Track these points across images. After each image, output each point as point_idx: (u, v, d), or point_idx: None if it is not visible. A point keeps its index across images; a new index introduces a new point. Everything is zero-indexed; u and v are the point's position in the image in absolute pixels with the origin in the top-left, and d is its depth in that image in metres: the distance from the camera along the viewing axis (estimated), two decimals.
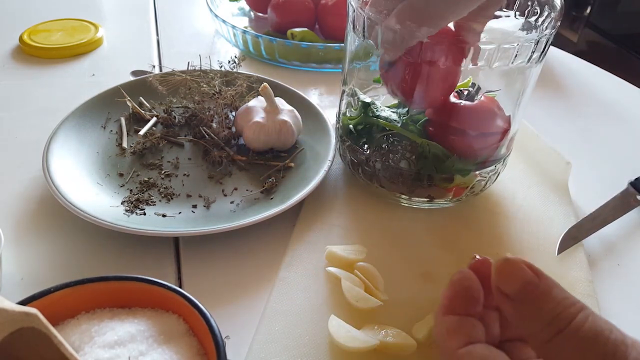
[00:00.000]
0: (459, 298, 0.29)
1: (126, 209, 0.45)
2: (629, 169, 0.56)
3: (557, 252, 0.46)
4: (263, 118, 0.52)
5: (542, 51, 0.42)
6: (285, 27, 0.74)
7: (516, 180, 0.54)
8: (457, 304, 0.29)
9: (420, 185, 0.47)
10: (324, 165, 0.50)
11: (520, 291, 0.26)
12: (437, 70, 0.41)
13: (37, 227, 0.45)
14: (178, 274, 0.43)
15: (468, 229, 0.48)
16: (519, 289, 0.26)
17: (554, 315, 0.25)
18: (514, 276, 0.26)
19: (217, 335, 0.29)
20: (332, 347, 0.36)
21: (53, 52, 0.71)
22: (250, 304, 0.40)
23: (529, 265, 0.27)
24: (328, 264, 0.42)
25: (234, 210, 0.47)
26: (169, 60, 0.72)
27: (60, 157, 0.48)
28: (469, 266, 0.30)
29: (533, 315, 0.26)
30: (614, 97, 0.72)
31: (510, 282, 0.26)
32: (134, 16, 0.85)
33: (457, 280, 0.29)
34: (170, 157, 0.53)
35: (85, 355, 0.28)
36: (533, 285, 0.26)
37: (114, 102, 0.57)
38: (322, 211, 0.48)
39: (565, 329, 0.24)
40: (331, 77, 0.70)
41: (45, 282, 0.32)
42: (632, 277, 0.45)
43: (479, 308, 0.29)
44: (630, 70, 1.05)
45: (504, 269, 0.27)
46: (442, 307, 0.29)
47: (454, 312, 0.28)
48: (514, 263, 0.27)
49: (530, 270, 0.26)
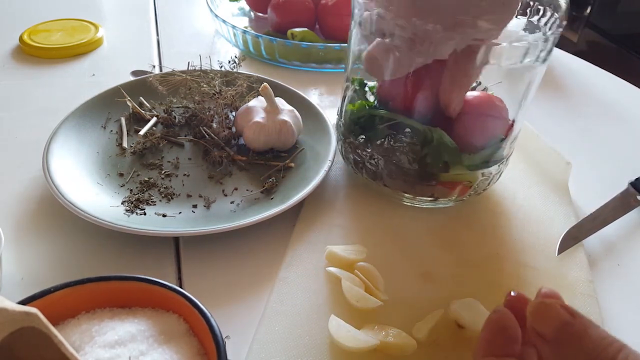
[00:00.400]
0: (497, 339, 0.28)
1: (126, 209, 0.45)
2: (629, 169, 0.56)
3: (557, 252, 0.46)
4: (263, 118, 0.52)
5: (549, 50, 0.42)
6: (286, 27, 0.74)
7: (516, 180, 0.54)
8: (496, 345, 0.28)
9: (424, 183, 0.47)
10: (324, 165, 0.50)
11: (556, 332, 0.26)
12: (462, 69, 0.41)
13: (37, 227, 0.45)
14: (178, 274, 0.43)
15: (469, 228, 0.48)
16: (555, 330, 0.26)
17: (594, 357, 0.25)
18: (550, 317, 0.26)
19: (218, 335, 0.29)
20: (332, 347, 0.36)
21: (53, 52, 0.71)
22: (250, 304, 0.40)
23: (564, 306, 0.27)
24: (328, 264, 0.42)
25: (234, 210, 0.47)
26: (169, 60, 0.72)
27: (60, 157, 0.48)
28: (505, 303, 0.30)
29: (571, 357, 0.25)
30: (614, 97, 0.72)
31: (546, 324, 0.26)
32: (134, 16, 0.85)
33: (494, 320, 0.29)
34: (170, 157, 0.53)
35: (86, 355, 0.28)
36: (569, 326, 0.26)
37: (114, 102, 0.57)
38: (322, 211, 0.48)
39: None
40: (331, 77, 0.70)
41: (45, 282, 0.32)
42: (632, 277, 0.45)
43: (517, 347, 0.28)
44: (630, 70, 1.05)
45: (539, 310, 0.27)
46: (480, 349, 0.29)
47: (492, 353, 0.28)
48: (549, 304, 0.27)
49: (565, 310, 0.26)
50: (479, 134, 0.45)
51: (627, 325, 0.41)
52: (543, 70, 0.44)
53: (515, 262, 0.45)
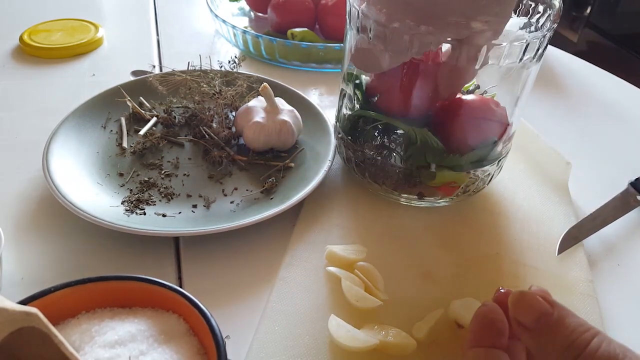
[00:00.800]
0: (484, 331, 0.29)
1: (126, 209, 0.45)
2: (629, 169, 0.56)
3: (557, 252, 0.46)
4: (263, 118, 0.52)
5: (541, 49, 0.42)
6: (286, 27, 0.74)
7: (516, 180, 0.54)
8: (483, 337, 0.29)
9: (408, 182, 0.47)
10: (324, 165, 0.50)
11: (536, 321, 0.27)
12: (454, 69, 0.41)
13: (37, 227, 0.45)
14: (178, 274, 0.43)
15: (468, 228, 0.48)
16: (535, 320, 0.27)
17: (570, 342, 0.26)
18: (530, 308, 0.28)
19: (218, 334, 0.29)
20: (332, 347, 0.36)
21: (53, 52, 0.71)
22: (250, 303, 0.40)
23: (544, 297, 0.28)
24: (328, 263, 0.42)
25: (234, 210, 0.47)
26: (169, 60, 0.72)
27: (60, 157, 0.48)
28: (494, 298, 0.31)
29: (550, 344, 0.27)
30: (614, 97, 0.72)
31: (527, 314, 0.28)
32: (134, 16, 0.85)
33: (482, 313, 0.30)
34: (170, 157, 0.53)
35: (86, 354, 0.28)
36: (548, 316, 0.27)
37: (114, 102, 0.57)
38: (322, 211, 0.48)
39: (580, 355, 0.25)
40: (331, 77, 0.70)
41: (45, 282, 0.32)
42: (632, 277, 0.45)
43: (504, 340, 0.29)
44: (630, 70, 1.05)
45: (520, 301, 0.28)
46: (468, 340, 0.30)
47: (480, 344, 0.29)
48: (528, 295, 0.28)
49: (544, 301, 0.28)
50: (468, 135, 0.45)
51: (627, 325, 0.41)
52: (537, 69, 0.44)
53: (515, 261, 0.45)
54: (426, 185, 0.47)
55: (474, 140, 0.45)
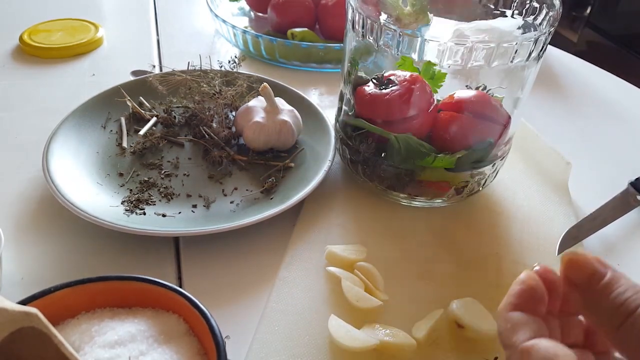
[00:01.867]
0: (524, 296, 0.29)
1: (126, 209, 0.45)
2: (629, 169, 0.56)
3: (557, 252, 0.46)
4: (263, 118, 0.52)
5: (541, 49, 0.42)
6: (286, 27, 0.74)
7: (516, 180, 0.54)
8: (523, 302, 0.29)
9: (399, 181, 0.47)
10: (324, 165, 0.50)
11: (588, 280, 0.27)
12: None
13: (37, 227, 0.45)
14: (178, 274, 0.43)
15: (468, 228, 0.48)
16: (588, 278, 0.27)
17: (621, 302, 0.26)
18: (583, 265, 0.28)
19: (218, 335, 0.29)
20: (332, 347, 0.36)
21: (53, 52, 0.71)
22: (250, 304, 0.40)
23: (597, 259, 0.28)
24: (328, 263, 0.42)
25: (234, 210, 0.47)
26: (169, 60, 0.72)
27: (60, 157, 0.48)
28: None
29: (602, 303, 0.26)
30: (614, 97, 0.72)
31: (580, 272, 0.28)
32: (134, 16, 0.85)
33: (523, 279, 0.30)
34: (170, 157, 0.53)
35: (86, 355, 0.28)
36: (601, 274, 0.27)
37: (114, 102, 0.57)
38: (322, 211, 0.48)
39: (632, 315, 0.25)
40: (331, 77, 0.70)
41: (45, 282, 0.32)
42: (632, 277, 0.45)
43: (543, 308, 0.29)
44: (630, 70, 1.05)
45: (573, 259, 0.28)
46: (507, 304, 0.29)
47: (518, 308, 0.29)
48: (582, 255, 0.28)
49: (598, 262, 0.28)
50: (458, 136, 0.45)
51: None
52: (537, 69, 0.44)
53: (515, 262, 0.45)
54: (417, 185, 0.47)
55: (464, 140, 0.45)
